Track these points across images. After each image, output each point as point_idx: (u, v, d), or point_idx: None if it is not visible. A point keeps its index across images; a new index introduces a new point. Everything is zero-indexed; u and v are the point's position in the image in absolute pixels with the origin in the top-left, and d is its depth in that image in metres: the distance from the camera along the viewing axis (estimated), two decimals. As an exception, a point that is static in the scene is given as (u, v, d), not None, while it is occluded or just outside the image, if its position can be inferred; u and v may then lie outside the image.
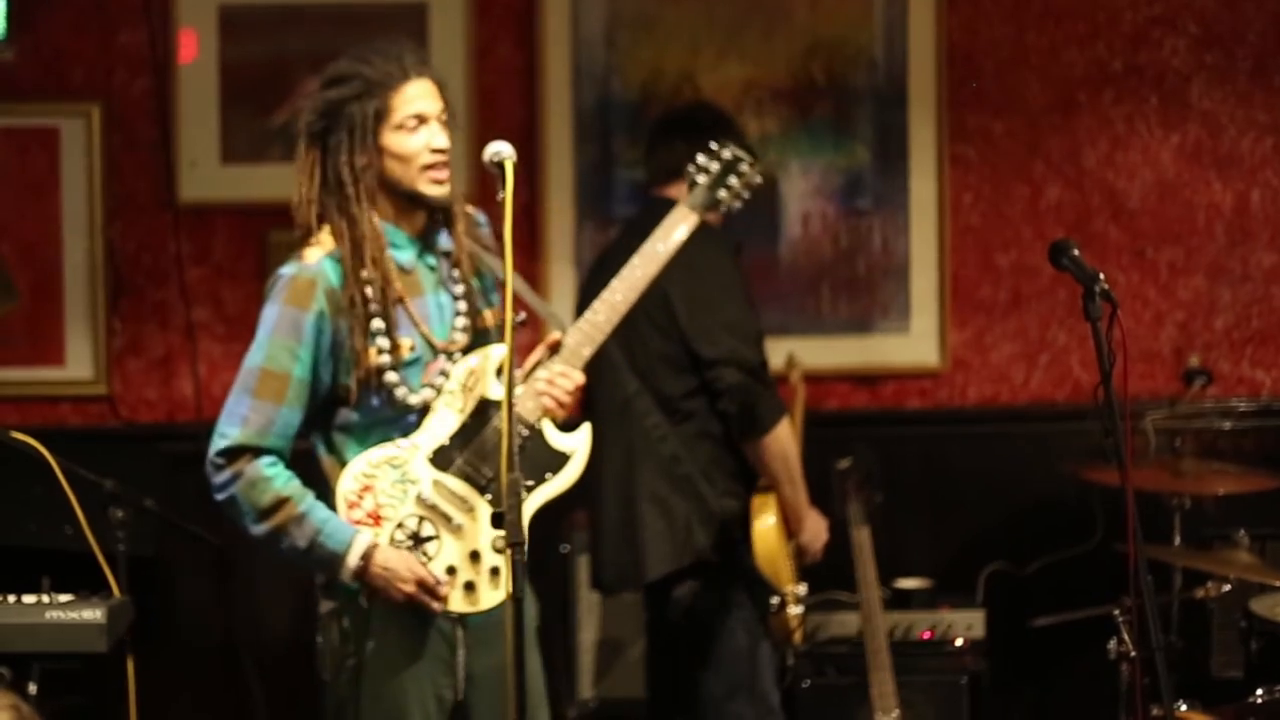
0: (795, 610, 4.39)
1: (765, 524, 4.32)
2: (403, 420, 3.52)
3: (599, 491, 4.36)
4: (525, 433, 3.52)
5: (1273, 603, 4.32)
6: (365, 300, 3.47)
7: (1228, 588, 4.57)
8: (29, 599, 3.87)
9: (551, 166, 5.32)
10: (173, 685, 5.09)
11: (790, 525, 4.40)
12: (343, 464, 3.51)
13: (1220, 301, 5.41)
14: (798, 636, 4.47)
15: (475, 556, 3.48)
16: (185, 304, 5.34)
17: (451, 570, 3.47)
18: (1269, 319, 5.41)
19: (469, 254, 3.58)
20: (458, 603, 3.48)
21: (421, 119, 3.50)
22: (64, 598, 3.86)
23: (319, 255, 3.50)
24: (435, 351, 3.54)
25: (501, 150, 3.42)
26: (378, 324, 3.47)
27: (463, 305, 3.57)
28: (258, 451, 3.45)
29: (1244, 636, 4.35)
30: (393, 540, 3.46)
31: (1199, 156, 5.41)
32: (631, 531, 4.32)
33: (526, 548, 3.23)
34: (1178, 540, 4.76)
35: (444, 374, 3.52)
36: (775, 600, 4.36)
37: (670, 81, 5.37)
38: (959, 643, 4.98)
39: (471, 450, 3.51)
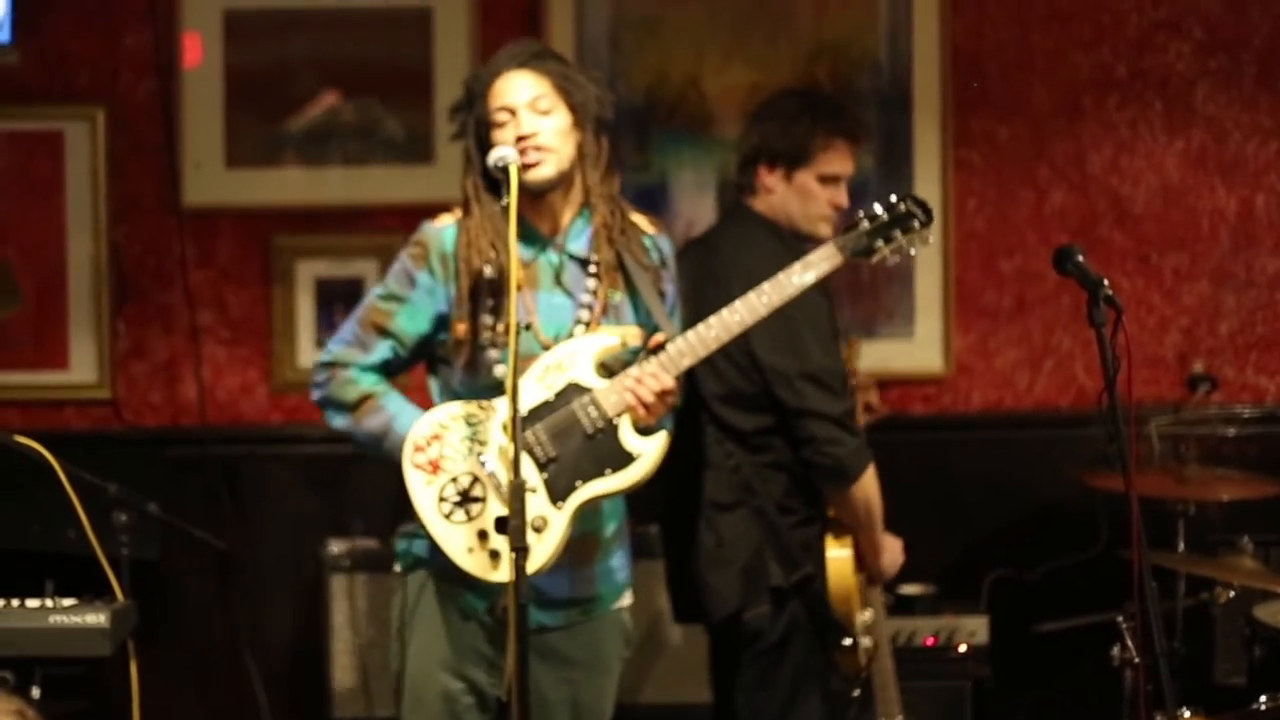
0: (866, 643, 4.26)
1: (840, 558, 4.19)
2: (500, 397, 3.55)
3: (671, 521, 4.27)
4: (601, 424, 3.55)
5: (1276, 609, 4.32)
6: (470, 274, 3.59)
7: (1232, 594, 4.57)
8: (32, 603, 3.86)
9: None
10: (176, 689, 5.10)
11: (865, 558, 4.28)
12: None
13: (1225, 307, 5.40)
14: (865, 670, 4.31)
15: None
16: (189, 307, 5.34)
17: (483, 535, 3.51)
18: (1274, 325, 5.41)
19: (609, 266, 3.63)
20: (477, 567, 3.52)
21: (510, 111, 3.59)
22: (67, 602, 3.85)
23: (447, 221, 3.69)
24: (541, 347, 3.59)
25: (506, 155, 3.47)
26: (488, 301, 3.59)
27: (584, 314, 3.61)
28: (348, 365, 3.70)
29: (1247, 643, 4.35)
30: (442, 494, 3.54)
31: (1204, 162, 5.41)
32: (703, 565, 4.18)
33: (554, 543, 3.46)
34: (1182, 546, 4.75)
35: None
36: (848, 641, 4.20)
37: (675, 85, 5.37)
38: (962, 649, 4.97)
39: (544, 426, 3.55)
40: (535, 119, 3.57)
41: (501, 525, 3.37)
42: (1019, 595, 5.15)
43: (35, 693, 3.86)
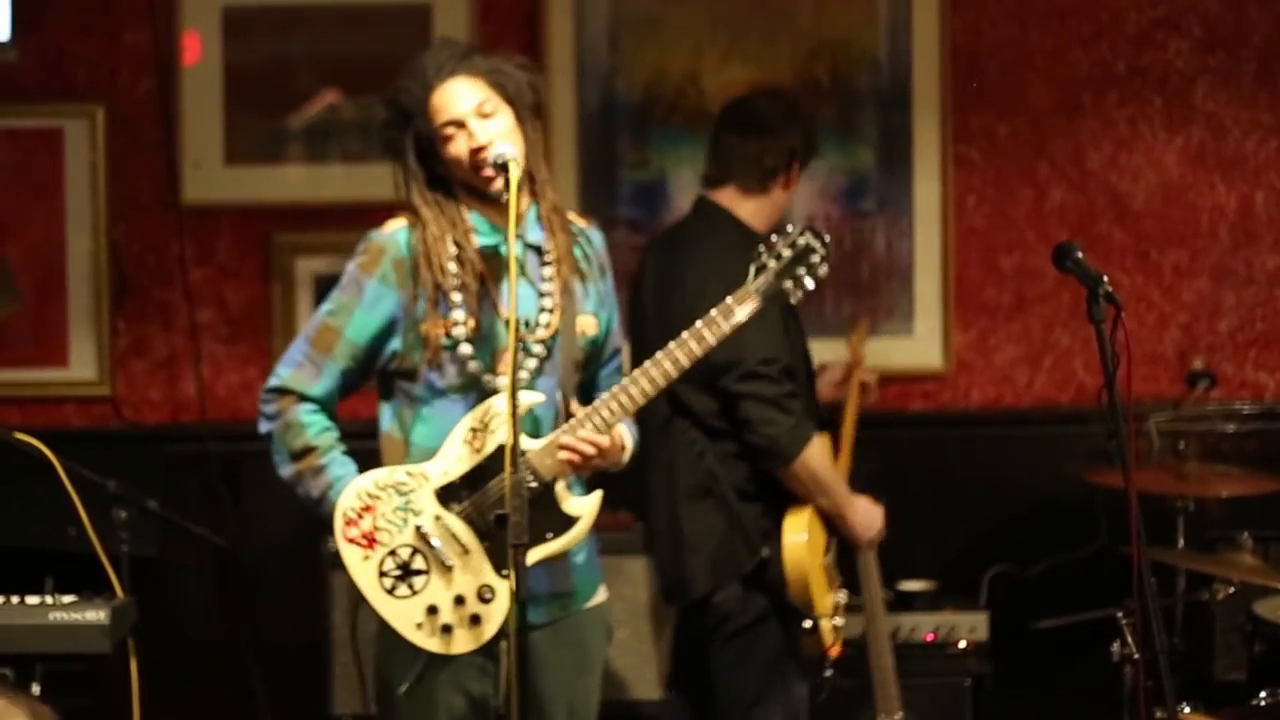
0: (828, 625, 4.31)
1: (794, 543, 4.23)
2: (472, 395, 3.52)
3: (649, 505, 4.32)
4: (539, 489, 3.48)
5: (1276, 605, 4.32)
6: (433, 274, 3.53)
7: (1231, 590, 4.57)
8: (32, 600, 3.86)
9: (555, 167, 5.31)
10: (176, 686, 5.09)
11: (835, 523, 4.37)
12: (406, 438, 3.56)
13: (1224, 304, 5.41)
14: (835, 650, 4.35)
15: (460, 601, 3.45)
16: (189, 305, 5.34)
17: (433, 610, 3.45)
18: (1273, 321, 5.41)
19: (563, 252, 3.60)
20: (433, 644, 3.46)
21: (457, 123, 3.53)
22: (67, 599, 3.85)
23: (397, 225, 3.61)
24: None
25: (505, 152, 3.46)
26: (455, 297, 3.53)
27: (548, 301, 3.58)
28: (302, 397, 3.56)
29: (1247, 639, 4.36)
30: (382, 569, 3.46)
31: (1203, 159, 5.41)
32: (676, 549, 4.27)
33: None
34: (1181, 543, 4.76)
35: (521, 365, 3.52)
36: (807, 624, 4.27)
37: (674, 83, 5.37)
38: (962, 645, 4.98)
39: (478, 494, 3.47)
40: (484, 125, 3.52)
41: (501, 522, 3.36)
42: (1019, 591, 5.15)
43: (35, 690, 3.86)
